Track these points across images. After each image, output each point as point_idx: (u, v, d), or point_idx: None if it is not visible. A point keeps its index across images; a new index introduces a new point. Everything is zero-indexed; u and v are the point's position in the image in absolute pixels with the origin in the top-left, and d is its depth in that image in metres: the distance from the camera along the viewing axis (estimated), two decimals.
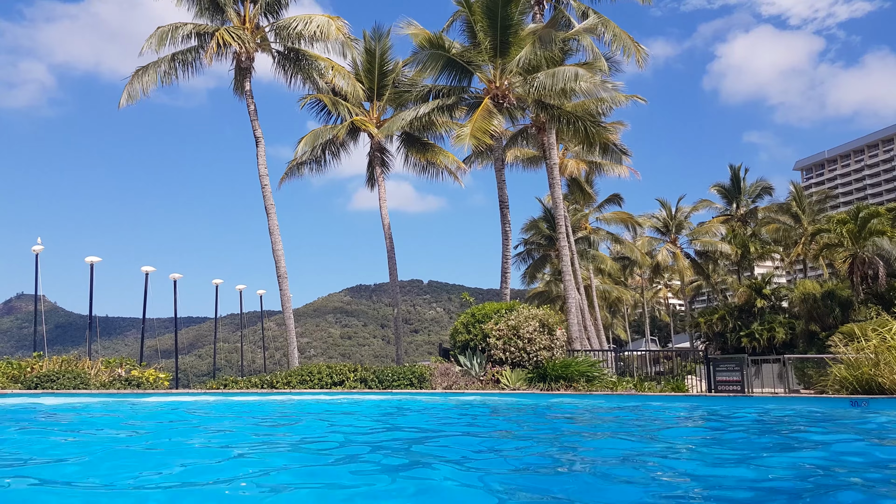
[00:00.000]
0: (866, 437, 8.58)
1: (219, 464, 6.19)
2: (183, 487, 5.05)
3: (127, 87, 25.27)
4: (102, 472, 5.65)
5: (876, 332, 14.04)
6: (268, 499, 4.58)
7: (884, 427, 9.60)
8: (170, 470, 5.83)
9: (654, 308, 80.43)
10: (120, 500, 4.74)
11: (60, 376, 17.92)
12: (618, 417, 11.35)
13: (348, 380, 18.49)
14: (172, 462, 6.21)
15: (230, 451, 7.03)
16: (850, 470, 5.89)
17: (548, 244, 44.16)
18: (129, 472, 5.59)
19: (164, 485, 5.17)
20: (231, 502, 4.58)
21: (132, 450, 7.35)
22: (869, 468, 6.08)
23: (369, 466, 6.07)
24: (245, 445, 7.77)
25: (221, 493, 4.78)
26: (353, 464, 6.20)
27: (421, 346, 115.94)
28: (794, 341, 32.93)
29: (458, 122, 26.64)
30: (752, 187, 51.49)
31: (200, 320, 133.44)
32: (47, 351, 23.24)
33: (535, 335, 18.27)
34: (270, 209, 25.89)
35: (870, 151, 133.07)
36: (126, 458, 6.57)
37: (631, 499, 4.54)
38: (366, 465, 6.18)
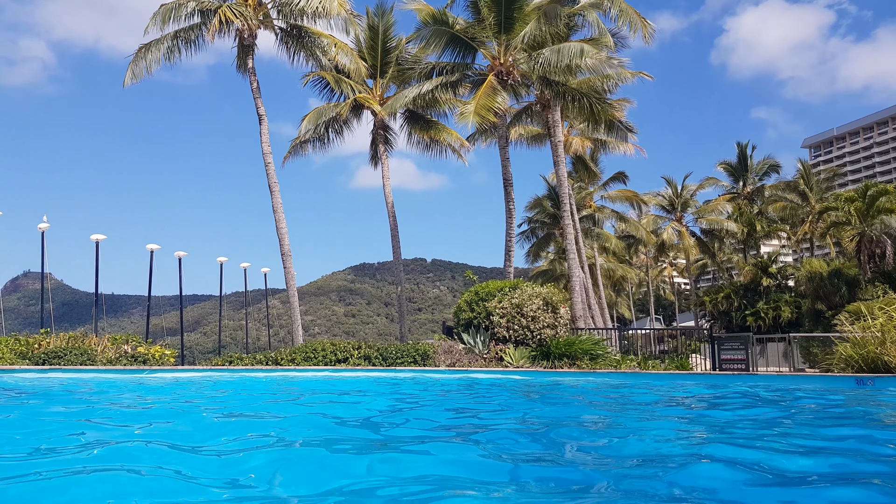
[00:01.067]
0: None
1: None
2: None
3: (131, 66, 25.11)
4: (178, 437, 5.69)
5: (883, 310, 13.94)
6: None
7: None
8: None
9: (659, 287, 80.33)
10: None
11: (68, 353, 18.06)
12: (621, 394, 11.33)
13: (352, 357, 18.53)
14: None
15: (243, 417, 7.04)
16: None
17: (552, 222, 43.98)
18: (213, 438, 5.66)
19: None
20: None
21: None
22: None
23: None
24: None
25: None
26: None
27: (424, 325, 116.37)
28: (800, 320, 32.86)
29: (461, 99, 26.38)
30: (760, 165, 51.04)
31: (205, 298, 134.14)
32: (54, 328, 23.34)
33: (539, 313, 18.23)
34: (274, 187, 25.79)
35: (879, 129, 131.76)
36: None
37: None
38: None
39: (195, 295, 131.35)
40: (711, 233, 50.95)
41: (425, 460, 4.74)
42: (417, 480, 4.03)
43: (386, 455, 5.07)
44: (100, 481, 3.85)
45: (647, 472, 4.23)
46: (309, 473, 4.20)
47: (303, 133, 28.76)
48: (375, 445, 5.72)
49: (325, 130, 29.47)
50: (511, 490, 3.79)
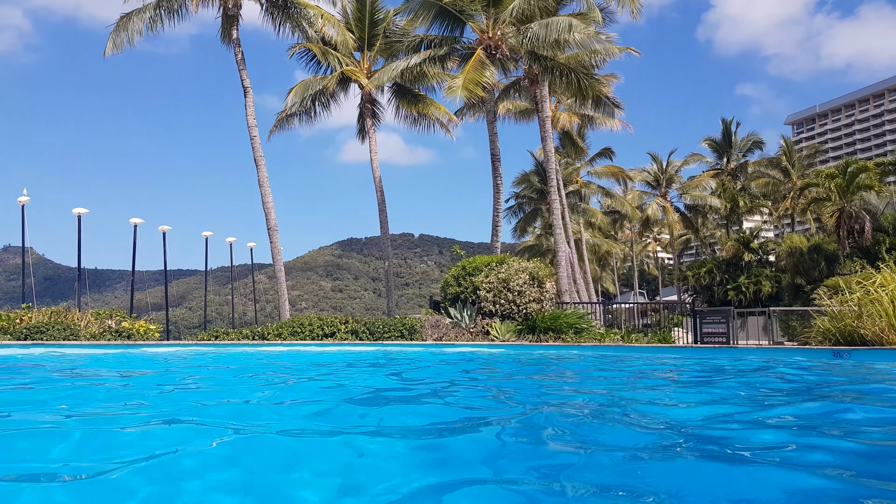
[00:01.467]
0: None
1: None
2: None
3: (112, 36, 24.71)
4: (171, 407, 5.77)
5: (860, 284, 14.27)
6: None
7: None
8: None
9: (643, 261, 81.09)
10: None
11: (50, 328, 17.96)
12: (601, 365, 11.60)
13: (339, 332, 18.69)
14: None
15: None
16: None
17: (539, 198, 44.15)
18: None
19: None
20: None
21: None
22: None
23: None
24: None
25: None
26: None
27: (412, 299, 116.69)
28: (780, 294, 33.42)
29: (450, 73, 26.29)
30: (743, 141, 51.44)
31: (190, 273, 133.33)
32: (36, 303, 23.19)
33: (525, 288, 18.45)
34: (260, 161, 25.67)
35: (860, 106, 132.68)
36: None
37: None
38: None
39: (180, 270, 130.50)
40: (695, 208, 51.44)
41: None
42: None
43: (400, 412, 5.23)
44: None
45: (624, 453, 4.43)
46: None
47: (289, 106, 28.55)
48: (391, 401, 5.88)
49: (312, 104, 29.27)
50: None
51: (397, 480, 3.31)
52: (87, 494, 3.03)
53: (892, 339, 12.72)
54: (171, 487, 3.13)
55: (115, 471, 3.31)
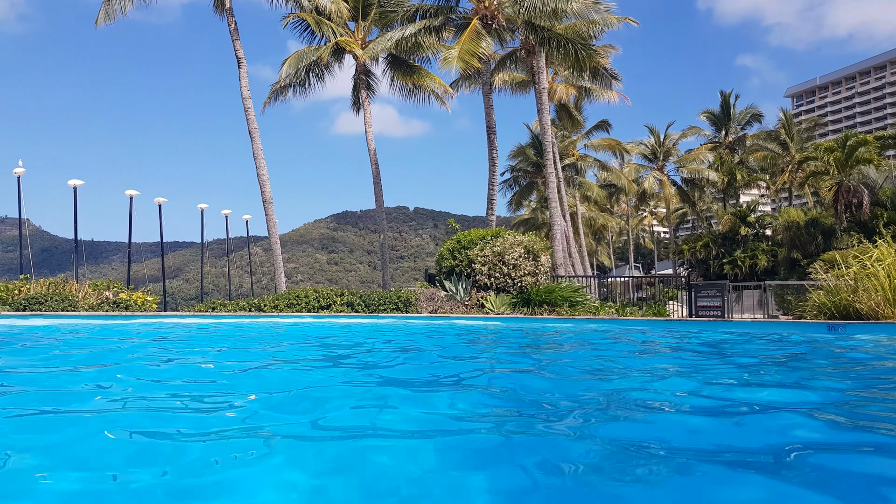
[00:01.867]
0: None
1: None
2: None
3: (104, 6, 24.32)
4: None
5: (857, 258, 14.23)
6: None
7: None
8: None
9: (639, 235, 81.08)
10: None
11: (49, 299, 17.96)
12: (591, 339, 11.61)
13: (335, 304, 18.66)
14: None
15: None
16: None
17: (535, 171, 43.92)
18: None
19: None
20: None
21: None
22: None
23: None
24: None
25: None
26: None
27: (407, 272, 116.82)
28: (776, 268, 33.48)
29: (445, 43, 25.91)
30: (742, 114, 51.08)
31: (186, 245, 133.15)
32: (33, 274, 23.12)
33: (520, 261, 18.40)
34: (254, 133, 25.41)
35: (861, 78, 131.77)
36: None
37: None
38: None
39: (176, 241, 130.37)
40: (692, 182, 51.24)
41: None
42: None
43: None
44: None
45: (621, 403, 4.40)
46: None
47: (283, 78, 28.18)
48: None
49: (306, 75, 28.89)
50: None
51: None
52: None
53: (888, 314, 12.72)
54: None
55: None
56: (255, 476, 2.79)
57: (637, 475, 2.85)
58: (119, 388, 5.23)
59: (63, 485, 2.68)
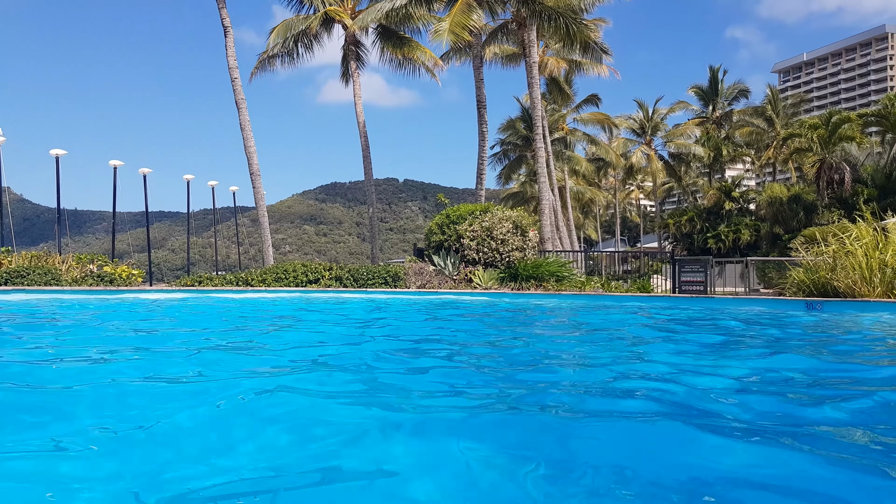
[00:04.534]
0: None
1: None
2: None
3: None
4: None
5: (836, 236, 14.55)
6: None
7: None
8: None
9: (626, 209, 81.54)
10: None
11: (31, 272, 17.69)
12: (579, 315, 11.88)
13: (323, 278, 18.81)
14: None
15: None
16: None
17: (524, 145, 43.94)
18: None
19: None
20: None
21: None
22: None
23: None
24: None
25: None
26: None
27: (396, 245, 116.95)
28: (759, 243, 33.97)
29: (436, 15, 25.77)
30: (730, 90, 51.22)
31: (172, 215, 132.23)
32: (15, 245, 22.90)
33: (509, 237, 18.61)
34: (241, 104, 25.24)
35: (847, 55, 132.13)
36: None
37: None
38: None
39: (161, 212, 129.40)
40: (679, 156, 51.53)
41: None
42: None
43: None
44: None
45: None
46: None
47: (271, 47, 27.91)
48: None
49: (294, 45, 28.60)
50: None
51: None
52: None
53: (864, 292, 13.08)
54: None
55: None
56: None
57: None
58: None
59: None
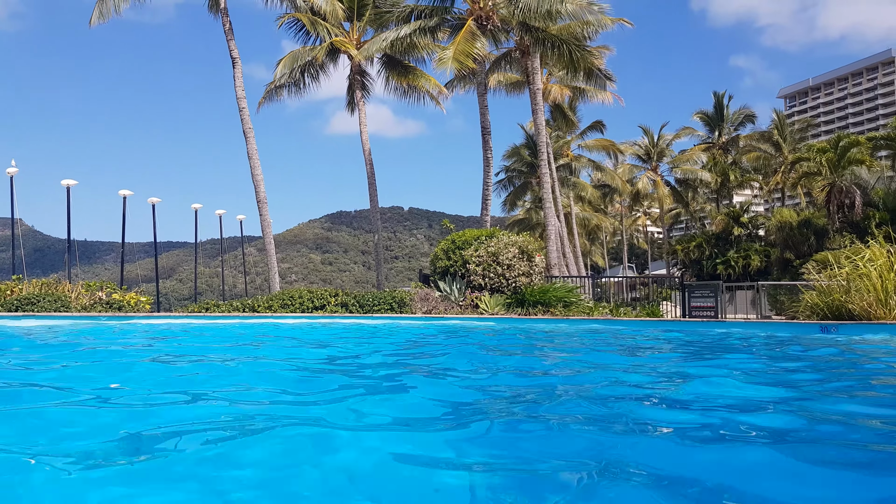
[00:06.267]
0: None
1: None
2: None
3: (98, 5, 24.26)
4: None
5: (849, 259, 14.32)
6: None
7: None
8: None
9: (633, 235, 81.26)
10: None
11: (41, 299, 17.85)
12: (583, 338, 11.65)
13: (329, 304, 18.65)
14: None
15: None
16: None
17: (529, 171, 43.97)
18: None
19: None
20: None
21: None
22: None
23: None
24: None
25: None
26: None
27: (401, 272, 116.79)
28: (769, 269, 33.62)
29: (440, 44, 25.92)
30: (735, 115, 51.27)
31: (180, 245, 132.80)
32: (26, 275, 23.02)
33: (515, 262, 18.44)
34: (249, 133, 25.37)
35: (853, 79, 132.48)
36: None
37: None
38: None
39: (169, 242, 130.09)
40: (686, 182, 51.41)
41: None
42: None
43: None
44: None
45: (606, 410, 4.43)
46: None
47: (278, 78, 28.13)
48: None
49: (301, 75, 28.85)
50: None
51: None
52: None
53: (880, 314, 12.80)
54: None
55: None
56: None
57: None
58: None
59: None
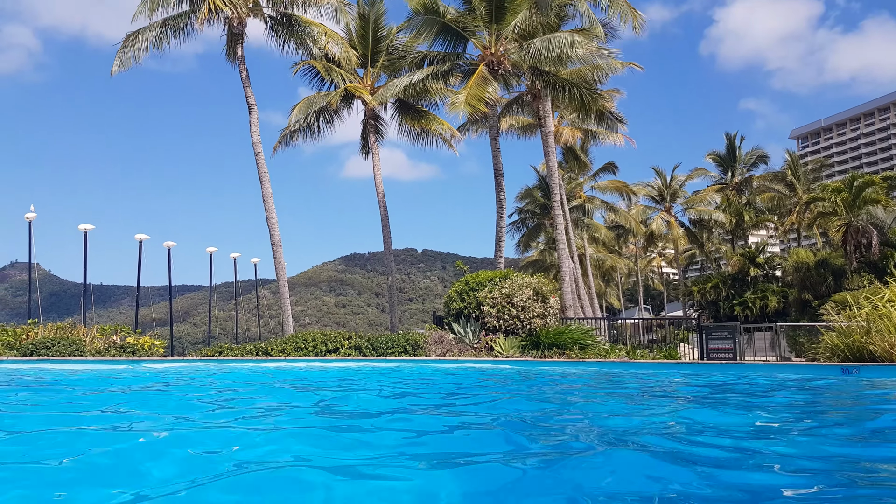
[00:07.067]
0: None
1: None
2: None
3: (118, 54, 24.89)
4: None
5: (868, 300, 14.11)
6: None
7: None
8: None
9: (648, 277, 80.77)
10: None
11: (56, 343, 17.95)
12: (606, 381, 11.46)
13: (343, 347, 18.57)
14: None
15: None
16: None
17: (542, 213, 44.09)
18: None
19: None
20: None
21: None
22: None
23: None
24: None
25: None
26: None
27: (415, 315, 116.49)
28: (787, 310, 33.19)
29: (452, 89, 26.32)
30: (748, 156, 51.36)
31: (195, 288, 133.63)
32: (42, 319, 23.24)
33: (529, 303, 18.32)
34: (264, 177, 25.70)
35: (866, 120, 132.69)
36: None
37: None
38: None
39: (184, 285, 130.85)
40: (700, 223, 51.27)
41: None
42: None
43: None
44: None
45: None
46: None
47: (293, 122, 28.64)
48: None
49: (316, 120, 29.36)
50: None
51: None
52: None
53: None
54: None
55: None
56: None
57: None
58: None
59: None
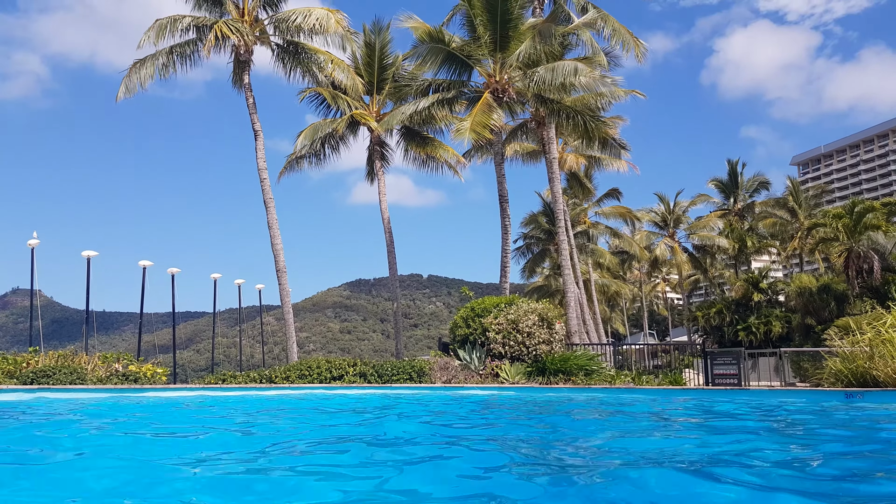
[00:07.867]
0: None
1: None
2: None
3: (124, 81, 25.23)
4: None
5: (871, 325, 14.17)
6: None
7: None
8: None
9: (653, 302, 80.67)
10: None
11: (57, 371, 17.70)
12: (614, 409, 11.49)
13: (347, 374, 18.58)
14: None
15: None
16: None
17: (547, 238, 44.25)
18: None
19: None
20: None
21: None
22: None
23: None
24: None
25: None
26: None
27: (420, 341, 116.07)
28: (791, 335, 33.14)
29: (457, 116, 26.69)
30: (750, 182, 51.65)
31: (198, 315, 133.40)
32: (43, 346, 23.08)
33: (535, 329, 18.37)
34: (269, 203, 25.92)
35: (865, 146, 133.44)
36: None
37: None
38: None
39: (188, 312, 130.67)
40: (703, 248, 51.37)
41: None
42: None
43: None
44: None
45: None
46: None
47: (299, 149, 28.95)
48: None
49: (322, 146, 29.69)
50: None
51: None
52: None
53: None
54: None
55: None
56: None
57: None
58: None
59: None
